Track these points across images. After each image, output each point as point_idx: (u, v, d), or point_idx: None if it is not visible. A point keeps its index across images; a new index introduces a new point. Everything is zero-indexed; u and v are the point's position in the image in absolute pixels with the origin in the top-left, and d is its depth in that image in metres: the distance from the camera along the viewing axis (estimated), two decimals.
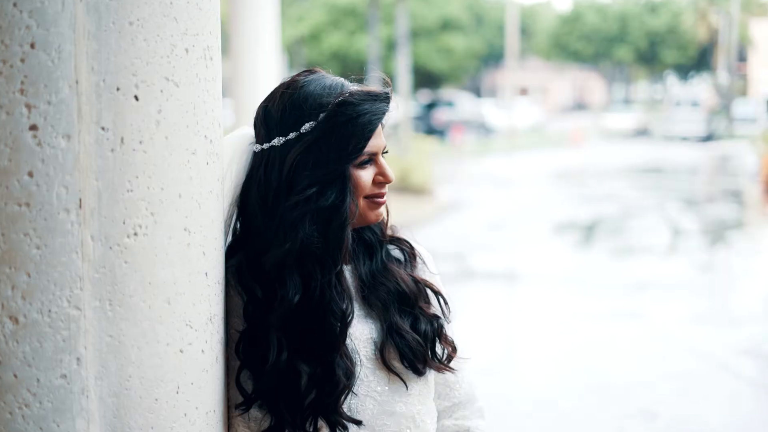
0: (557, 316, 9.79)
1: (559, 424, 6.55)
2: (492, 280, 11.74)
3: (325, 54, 38.08)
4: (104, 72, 1.50)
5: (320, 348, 1.77)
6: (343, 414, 1.78)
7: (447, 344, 1.91)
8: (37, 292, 1.48)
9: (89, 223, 1.50)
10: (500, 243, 14.64)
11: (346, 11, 38.30)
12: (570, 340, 8.78)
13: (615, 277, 11.80)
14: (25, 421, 1.50)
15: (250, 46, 14.03)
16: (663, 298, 10.47)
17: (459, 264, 12.66)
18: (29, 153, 1.46)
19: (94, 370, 1.53)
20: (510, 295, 10.96)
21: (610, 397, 7.06)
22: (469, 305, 10.28)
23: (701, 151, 34.75)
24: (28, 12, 1.45)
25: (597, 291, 10.96)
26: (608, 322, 9.38)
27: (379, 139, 1.83)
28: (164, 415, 1.61)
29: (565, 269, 12.38)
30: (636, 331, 9.03)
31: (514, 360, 8.20)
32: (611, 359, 8.10)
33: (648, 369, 7.78)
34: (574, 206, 18.84)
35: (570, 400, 7.03)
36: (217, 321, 1.74)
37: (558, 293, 10.89)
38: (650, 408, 6.78)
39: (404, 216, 17.14)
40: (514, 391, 7.27)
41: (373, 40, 23.50)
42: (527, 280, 11.74)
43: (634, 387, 7.27)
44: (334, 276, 1.79)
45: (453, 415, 2.00)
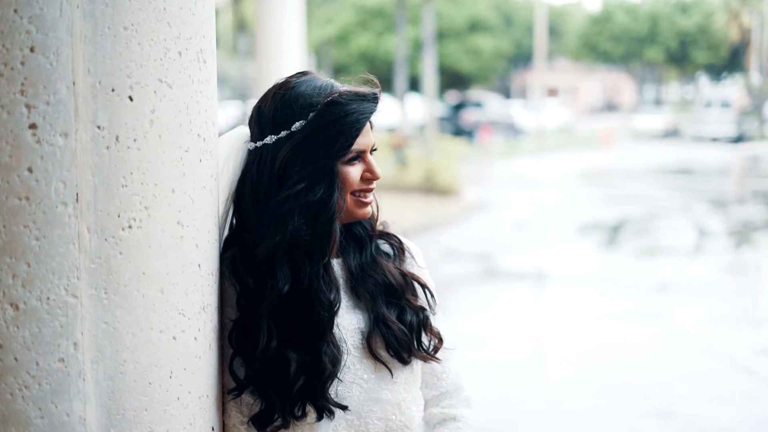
0: (579, 315, 9.83)
1: (575, 422, 6.60)
2: (516, 279, 11.78)
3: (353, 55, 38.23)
4: (100, 74, 1.59)
5: (308, 336, 1.86)
6: (329, 400, 1.87)
7: (433, 335, 1.99)
8: (37, 280, 1.58)
9: (86, 216, 1.60)
10: (525, 243, 14.67)
11: (374, 12, 38.41)
12: (590, 339, 8.82)
13: (638, 277, 11.80)
14: (25, 402, 1.59)
15: (275, 47, 14.15)
16: (685, 299, 10.47)
17: (484, 264, 12.72)
18: (29, 150, 1.56)
19: (90, 355, 1.62)
20: (533, 294, 11.00)
21: (628, 397, 7.09)
22: (492, 305, 10.35)
23: (731, 152, 34.53)
24: (27, 18, 1.54)
25: (620, 291, 10.98)
26: (630, 322, 9.41)
27: (367, 137, 1.92)
28: (157, 399, 1.70)
29: (589, 269, 12.40)
30: (657, 331, 9.05)
31: (534, 358, 8.25)
32: (630, 359, 8.14)
33: (666, 369, 7.81)
34: (600, 207, 18.83)
35: (587, 398, 7.07)
36: (210, 310, 1.83)
37: (581, 293, 10.92)
38: (667, 407, 6.81)
39: (429, 216, 17.23)
40: (532, 388, 7.33)
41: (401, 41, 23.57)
42: (551, 280, 11.78)
43: (652, 386, 7.30)
44: (321, 267, 1.88)
45: (440, 403, 2.07)
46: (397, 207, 18.22)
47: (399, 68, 23.62)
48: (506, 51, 44.05)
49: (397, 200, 19.34)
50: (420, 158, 21.26)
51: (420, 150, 22.33)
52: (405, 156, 21.27)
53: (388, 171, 21.56)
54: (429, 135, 22.16)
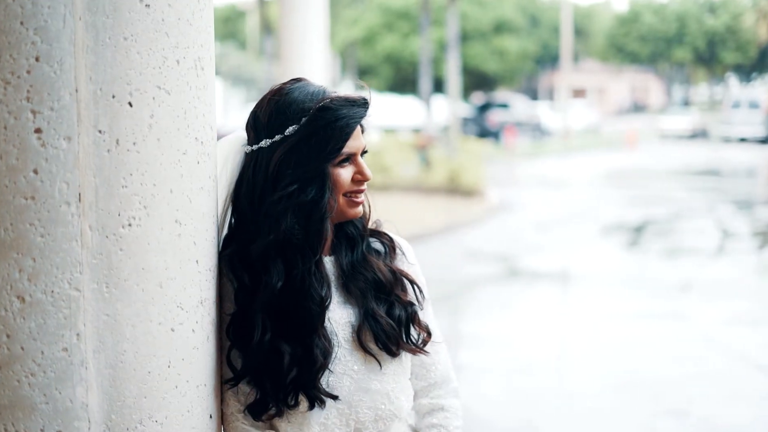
0: (600, 315, 9.88)
1: (590, 420, 6.66)
2: (538, 280, 11.83)
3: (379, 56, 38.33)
4: (101, 81, 1.70)
5: (300, 330, 1.96)
6: (321, 389, 1.97)
7: (421, 329, 2.09)
8: (42, 275, 1.69)
9: (88, 215, 1.71)
10: (548, 243, 14.71)
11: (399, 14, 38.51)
12: (610, 338, 8.87)
13: (660, 278, 11.82)
14: (31, 389, 1.70)
15: (298, 49, 14.28)
16: (706, 300, 10.48)
17: (506, 264, 12.79)
18: (34, 153, 1.67)
19: (92, 345, 1.73)
20: (555, 294, 11.04)
21: (644, 395, 7.14)
22: (514, 304, 10.42)
23: (759, 152, 34.32)
24: (33, 29, 1.65)
25: (641, 291, 11.01)
26: (649, 322, 9.45)
27: (358, 140, 2.02)
28: (156, 386, 1.81)
29: (611, 270, 12.43)
30: (675, 331, 9.09)
31: (554, 357, 8.30)
32: (648, 358, 8.18)
33: (682, 368, 7.85)
34: (624, 208, 18.83)
35: (603, 396, 7.13)
36: (208, 304, 1.93)
37: (603, 293, 10.96)
38: (682, 406, 6.86)
39: (453, 217, 17.30)
40: (551, 386, 7.39)
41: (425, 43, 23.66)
42: (573, 281, 11.82)
43: (667, 385, 7.34)
44: (313, 265, 1.98)
45: (429, 394, 2.17)
46: (420, 208, 18.32)
47: (423, 69, 23.71)
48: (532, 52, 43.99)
49: (420, 201, 19.44)
50: (443, 159, 21.32)
51: (443, 151, 22.40)
52: (429, 157, 21.34)
53: (412, 172, 21.66)
54: (452, 136, 22.22)
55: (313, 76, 14.14)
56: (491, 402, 7.14)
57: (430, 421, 2.15)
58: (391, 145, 22.57)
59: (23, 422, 1.70)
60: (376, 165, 21.32)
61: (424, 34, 23.81)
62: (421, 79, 24.25)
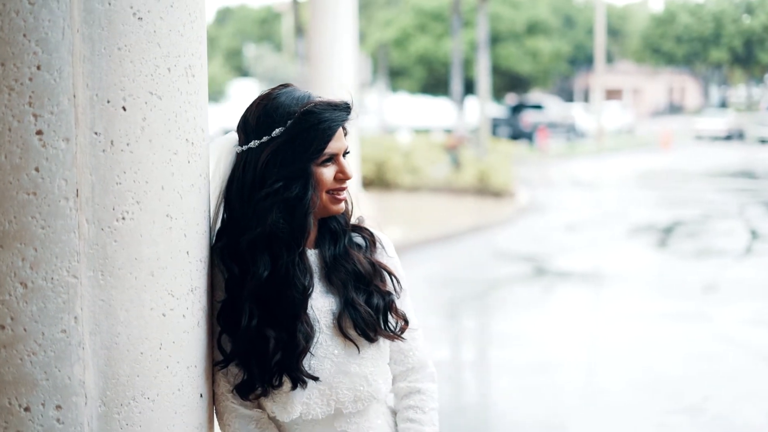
0: (623, 315, 9.97)
1: (605, 416, 6.77)
2: (564, 279, 11.91)
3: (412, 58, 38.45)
4: (97, 88, 1.87)
5: (284, 316, 2.12)
6: (303, 371, 2.13)
7: (398, 316, 2.24)
8: (42, 263, 1.86)
9: (84, 209, 1.88)
10: (576, 244, 14.77)
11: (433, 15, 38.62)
12: (632, 338, 8.96)
13: (686, 278, 11.86)
14: (32, 366, 1.88)
15: (328, 51, 14.46)
16: (731, 301, 10.52)
17: (533, 264, 12.89)
18: (36, 152, 1.84)
19: (88, 327, 1.90)
20: (580, 294, 11.13)
21: (661, 393, 7.23)
22: (539, 304, 10.53)
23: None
24: (35, 41, 1.83)
25: (666, 292, 11.06)
26: (672, 322, 9.51)
27: (340, 141, 2.17)
28: (148, 366, 1.98)
29: (637, 270, 12.49)
30: (697, 330, 9.15)
31: (577, 354, 8.41)
32: (668, 357, 8.26)
33: (702, 367, 7.93)
34: (654, 209, 18.83)
35: (620, 394, 7.23)
36: (199, 292, 2.10)
37: (628, 293, 11.04)
38: (698, 404, 6.94)
39: (481, 218, 17.41)
40: (571, 384, 7.51)
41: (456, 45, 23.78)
42: (599, 281, 11.90)
43: (686, 384, 7.44)
44: (297, 256, 2.14)
45: (407, 378, 2.33)
46: (449, 208, 18.45)
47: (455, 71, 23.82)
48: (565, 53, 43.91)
49: (450, 201, 19.56)
50: (473, 160, 21.42)
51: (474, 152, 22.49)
52: (459, 158, 21.45)
53: (442, 173, 21.78)
54: (482, 137, 22.32)
55: (342, 77, 14.35)
56: (515, 398, 7.28)
57: (408, 403, 2.31)
58: (422, 146, 22.68)
59: (26, 397, 1.88)
60: (406, 166, 21.47)
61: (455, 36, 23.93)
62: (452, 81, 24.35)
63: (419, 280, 12.30)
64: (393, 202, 19.26)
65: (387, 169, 21.43)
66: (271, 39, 61.30)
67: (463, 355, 8.85)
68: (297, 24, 26.42)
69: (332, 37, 14.36)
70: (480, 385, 7.91)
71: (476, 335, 9.70)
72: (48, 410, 1.89)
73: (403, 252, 13.99)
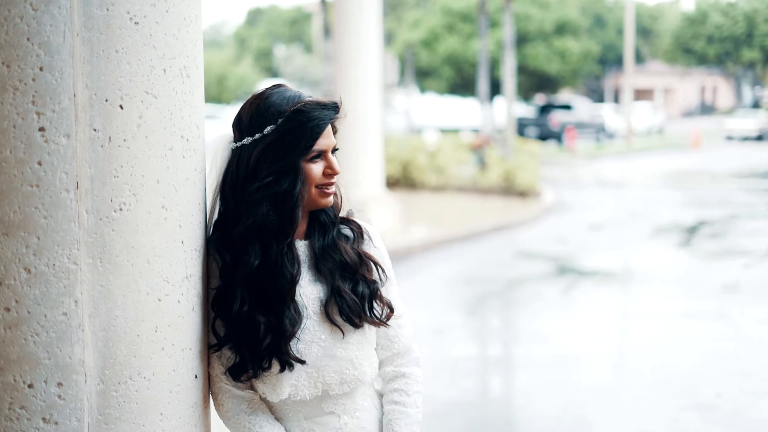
0: (643, 313, 10.03)
1: (617, 412, 6.85)
2: (586, 278, 11.97)
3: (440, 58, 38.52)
4: (96, 88, 2.01)
5: (273, 302, 2.25)
6: (291, 355, 2.26)
7: (383, 304, 2.37)
8: (45, 250, 2.01)
9: (84, 201, 2.02)
10: (599, 243, 14.81)
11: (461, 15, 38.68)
12: (649, 335, 9.04)
13: (707, 278, 11.89)
14: (36, 346, 2.02)
15: (354, 52, 14.59)
16: (751, 301, 10.55)
17: (555, 263, 12.95)
18: (38, 148, 1.99)
19: (88, 310, 2.04)
20: (601, 293, 11.19)
21: (674, 390, 7.29)
22: (560, 303, 10.60)
23: None
24: (38, 44, 1.97)
25: (687, 291, 11.10)
26: (691, 320, 9.56)
27: (328, 139, 2.30)
28: (144, 348, 2.11)
29: (659, 269, 12.52)
30: (715, 329, 9.20)
31: (594, 351, 8.48)
32: (684, 354, 8.32)
33: (717, 365, 7.98)
34: (680, 208, 18.81)
35: (634, 391, 7.31)
36: (194, 279, 2.23)
37: (649, 293, 11.09)
38: (711, 401, 7.01)
39: (506, 217, 17.47)
40: (585, 378, 7.60)
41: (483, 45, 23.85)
42: (621, 280, 11.95)
43: (699, 381, 7.50)
44: (286, 246, 2.27)
45: (393, 362, 2.45)
46: (474, 208, 18.53)
47: (481, 71, 23.89)
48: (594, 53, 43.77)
49: (475, 201, 19.64)
50: (499, 160, 21.48)
51: (499, 151, 22.55)
52: (485, 158, 21.52)
53: (468, 173, 21.87)
54: (508, 137, 22.38)
55: (367, 77, 14.48)
56: (535, 392, 7.39)
57: (393, 386, 2.44)
58: (448, 146, 22.78)
59: (29, 374, 2.02)
60: (432, 165, 21.57)
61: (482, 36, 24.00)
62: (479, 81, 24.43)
63: (442, 278, 12.42)
64: (418, 202, 19.37)
65: (413, 168, 21.55)
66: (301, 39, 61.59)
67: (485, 351, 8.95)
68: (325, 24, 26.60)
69: (357, 38, 14.52)
70: (501, 380, 8.02)
71: (498, 332, 9.80)
72: (50, 387, 2.03)
73: (427, 251, 14.12)
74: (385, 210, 14.80)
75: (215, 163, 2.35)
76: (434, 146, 22.65)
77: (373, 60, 14.66)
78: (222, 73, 47.85)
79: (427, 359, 8.19)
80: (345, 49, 14.61)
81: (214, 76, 47.05)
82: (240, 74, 48.85)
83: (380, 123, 15.29)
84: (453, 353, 8.48)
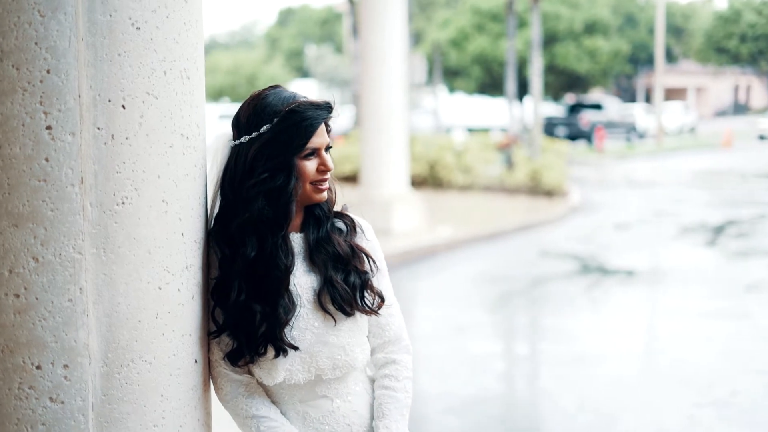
0: (664, 311, 10.10)
1: (635, 408, 6.92)
2: (608, 277, 12.01)
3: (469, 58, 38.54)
4: (99, 89, 2.15)
5: (268, 292, 2.38)
6: (285, 341, 2.39)
7: (374, 293, 2.49)
8: (52, 241, 2.15)
9: (88, 195, 2.16)
10: (624, 243, 14.83)
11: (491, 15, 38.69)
12: (669, 333, 9.10)
13: (730, 277, 11.90)
14: (43, 330, 2.16)
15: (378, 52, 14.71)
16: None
17: (579, 262, 13.01)
18: (46, 145, 2.13)
19: (92, 297, 2.18)
20: (623, 291, 11.23)
21: (692, 387, 7.35)
22: (583, 300, 10.67)
23: None
24: (45, 48, 2.11)
25: (710, 290, 11.11)
26: (713, 319, 9.60)
27: (321, 137, 2.43)
28: (146, 333, 2.25)
29: (683, 269, 12.54)
30: (734, 328, 9.24)
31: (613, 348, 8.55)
32: (703, 353, 8.37)
33: (735, 363, 8.03)
34: (707, 208, 18.76)
35: (652, 387, 7.38)
36: (194, 270, 2.37)
37: (672, 291, 11.13)
38: (727, 399, 7.06)
39: (532, 217, 17.52)
40: (604, 374, 7.68)
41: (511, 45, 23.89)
42: (643, 278, 11.98)
43: (718, 379, 7.54)
44: (281, 239, 2.40)
45: (384, 350, 2.58)
46: (500, 207, 18.59)
47: (509, 71, 23.95)
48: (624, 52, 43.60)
49: (502, 200, 19.70)
50: (526, 159, 21.52)
51: (526, 151, 22.59)
52: (512, 157, 21.57)
53: (495, 172, 21.93)
54: (535, 136, 22.41)
55: (392, 77, 14.59)
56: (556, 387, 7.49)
57: (384, 372, 2.56)
58: (475, 145, 22.85)
59: (37, 357, 2.17)
60: (459, 165, 21.65)
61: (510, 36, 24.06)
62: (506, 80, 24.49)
63: (466, 277, 12.52)
64: (444, 201, 19.47)
65: (439, 168, 21.64)
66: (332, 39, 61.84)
67: (506, 348, 9.04)
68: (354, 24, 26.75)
69: (382, 38, 14.63)
70: (520, 376, 8.11)
71: (519, 329, 9.89)
72: (57, 369, 2.17)
73: (451, 250, 14.22)
74: (410, 209, 14.91)
75: (216, 160, 2.48)
76: (461, 146, 22.72)
77: (398, 60, 14.77)
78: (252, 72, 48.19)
79: (447, 356, 8.35)
80: (370, 49, 14.74)
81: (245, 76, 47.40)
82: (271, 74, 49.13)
83: (405, 123, 15.40)
84: (473, 350, 8.59)
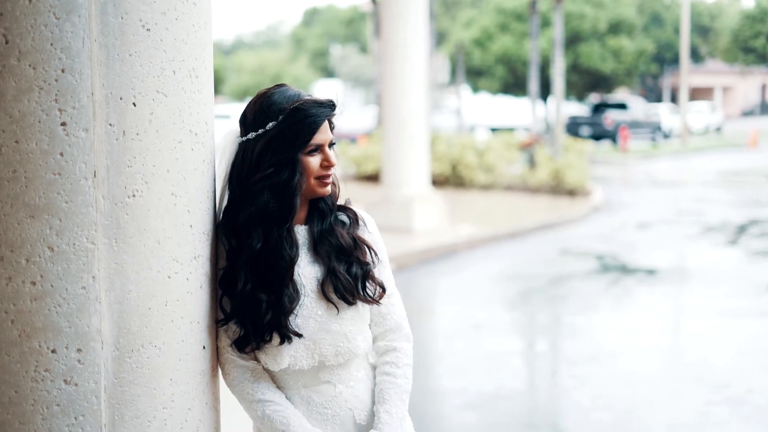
0: (682, 310, 10.15)
1: (649, 405, 6.98)
2: (628, 276, 12.05)
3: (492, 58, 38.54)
4: (111, 87, 2.27)
5: (273, 282, 2.49)
6: (289, 329, 2.50)
7: (375, 283, 2.60)
8: (66, 231, 2.26)
9: (101, 188, 2.27)
10: (645, 242, 14.85)
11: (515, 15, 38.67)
12: (687, 332, 9.16)
13: (752, 277, 11.91)
14: (58, 316, 2.28)
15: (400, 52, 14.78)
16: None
17: (599, 261, 13.05)
18: (61, 140, 2.24)
19: (104, 285, 2.29)
20: (643, 290, 11.27)
21: (707, 385, 7.40)
22: (602, 298, 10.73)
23: None
24: (60, 49, 2.23)
25: (729, 289, 11.12)
26: (729, 317, 9.63)
27: (325, 134, 2.53)
28: (155, 320, 2.36)
29: (703, 268, 12.57)
30: (753, 327, 9.27)
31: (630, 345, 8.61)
32: (720, 352, 8.42)
33: (752, 362, 8.07)
34: (731, 208, 18.73)
35: (665, 385, 7.44)
36: (202, 260, 2.48)
37: (691, 290, 11.17)
38: (742, 396, 7.11)
39: (553, 216, 17.55)
40: (620, 372, 7.75)
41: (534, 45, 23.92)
42: (663, 277, 12.00)
43: (733, 377, 7.59)
44: (285, 231, 2.51)
45: (385, 338, 2.68)
46: (522, 206, 18.63)
47: (532, 70, 23.97)
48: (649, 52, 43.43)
49: (523, 200, 19.74)
50: (548, 158, 21.54)
51: (549, 150, 22.60)
52: (534, 156, 21.60)
53: (517, 171, 21.97)
54: (557, 135, 22.43)
55: (413, 77, 14.67)
56: (571, 384, 7.56)
57: (385, 359, 2.66)
58: (497, 144, 22.89)
59: (52, 341, 2.28)
60: (481, 164, 21.70)
61: (533, 36, 24.08)
62: (530, 80, 24.51)
63: (486, 275, 12.60)
64: (466, 200, 19.54)
65: (462, 167, 21.70)
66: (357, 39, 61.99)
67: (523, 345, 9.12)
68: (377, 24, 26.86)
69: (404, 38, 14.72)
70: (537, 373, 8.19)
71: (537, 327, 9.96)
72: (71, 353, 2.29)
73: (472, 248, 14.30)
74: (431, 208, 14.99)
75: (224, 156, 2.59)
76: (483, 145, 22.77)
77: (420, 59, 14.85)
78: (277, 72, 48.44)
79: (466, 353, 8.44)
80: (392, 49, 14.83)
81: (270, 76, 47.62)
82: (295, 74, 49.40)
83: (426, 122, 15.48)
84: (492, 347, 8.67)
